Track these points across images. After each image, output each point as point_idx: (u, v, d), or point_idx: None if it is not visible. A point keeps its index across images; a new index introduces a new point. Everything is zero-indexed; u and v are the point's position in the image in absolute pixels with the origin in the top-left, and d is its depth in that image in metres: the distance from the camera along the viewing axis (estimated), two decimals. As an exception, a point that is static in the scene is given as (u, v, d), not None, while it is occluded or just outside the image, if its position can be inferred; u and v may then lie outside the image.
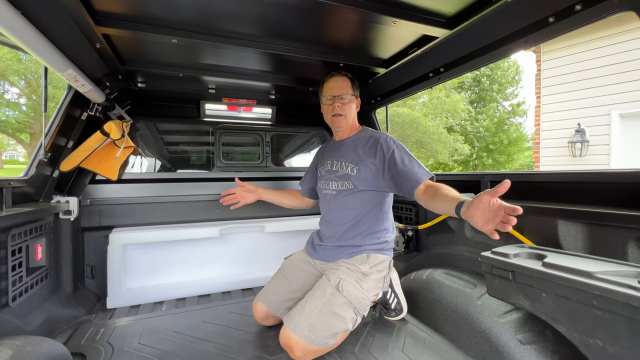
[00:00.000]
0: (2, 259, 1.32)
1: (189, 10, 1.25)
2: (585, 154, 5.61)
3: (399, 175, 1.42)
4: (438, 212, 1.26)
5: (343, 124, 1.64)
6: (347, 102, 1.61)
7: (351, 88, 1.63)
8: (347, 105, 1.61)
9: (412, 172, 1.39)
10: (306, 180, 1.93)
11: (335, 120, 1.63)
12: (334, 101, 1.61)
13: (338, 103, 1.60)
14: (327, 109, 1.65)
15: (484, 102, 16.83)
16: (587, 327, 0.96)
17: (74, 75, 1.44)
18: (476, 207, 0.99)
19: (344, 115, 1.61)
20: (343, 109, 1.60)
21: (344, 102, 1.60)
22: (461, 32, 1.35)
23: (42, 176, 1.75)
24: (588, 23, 1.07)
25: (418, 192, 1.35)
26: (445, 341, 1.47)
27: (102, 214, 2.15)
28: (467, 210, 1.02)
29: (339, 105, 1.59)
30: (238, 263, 2.35)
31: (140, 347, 1.46)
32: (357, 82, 1.68)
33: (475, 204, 0.99)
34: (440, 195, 1.21)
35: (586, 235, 1.23)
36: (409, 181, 1.39)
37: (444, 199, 1.19)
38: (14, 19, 1.04)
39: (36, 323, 1.47)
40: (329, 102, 1.63)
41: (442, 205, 1.19)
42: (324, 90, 1.67)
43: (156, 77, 1.95)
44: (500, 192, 0.95)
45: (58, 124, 1.73)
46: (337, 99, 1.60)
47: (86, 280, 2.09)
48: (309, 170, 1.94)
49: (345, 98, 1.60)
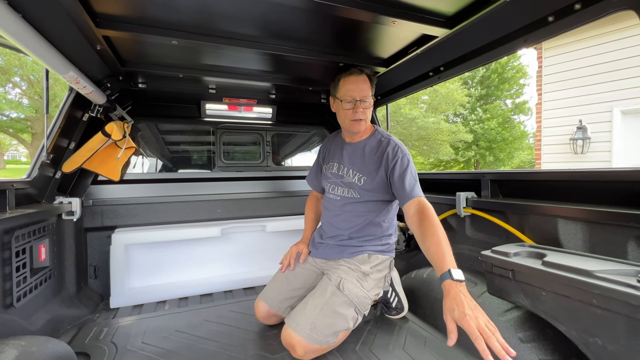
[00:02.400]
0: (6, 260, 1.34)
1: (189, 11, 1.26)
2: (587, 151, 5.60)
3: (395, 187, 1.42)
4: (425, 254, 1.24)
5: (363, 128, 1.53)
6: (368, 106, 1.50)
7: (371, 89, 1.51)
8: (368, 109, 1.50)
9: (406, 186, 1.37)
10: (315, 179, 1.83)
11: (355, 125, 1.50)
12: (355, 106, 1.46)
13: (360, 108, 1.46)
14: (347, 113, 1.50)
15: (491, 98, 16.71)
16: (587, 326, 0.96)
17: (75, 77, 1.45)
18: (446, 304, 1.03)
19: (365, 119, 1.51)
20: (365, 114, 1.49)
21: (366, 107, 1.48)
22: (461, 31, 1.35)
23: (45, 177, 1.76)
24: (587, 22, 1.07)
25: (407, 209, 1.35)
26: (446, 340, 1.47)
27: (105, 214, 2.16)
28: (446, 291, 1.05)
29: (362, 110, 1.47)
30: (240, 262, 2.37)
31: (144, 346, 1.48)
32: (374, 79, 1.56)
33: (448, 301, 1.02)
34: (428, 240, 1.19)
35: (586, 234, 1.23)
36: (401, 194, 1.38)
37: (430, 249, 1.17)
38: (15, 23, 1.05)
39: (40, 323, 1.49)
40: (349, 105, 1.48)
41: (428, 255, 1.18)
42: (341, 90, 1.50)
43: (157, 77, 1.96)
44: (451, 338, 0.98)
45: (60, 125, 1.74)
46: (360, 104, 1.46)
47: (89, 280, 2.10)
48: (314, 169, 1.84)
49: (367, 101, 1.48)
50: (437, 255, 1.13)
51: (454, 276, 1.04)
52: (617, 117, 5.33)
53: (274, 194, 2.65)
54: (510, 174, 1.66)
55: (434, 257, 1.14)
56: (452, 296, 1.01)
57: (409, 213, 1.34)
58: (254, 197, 2.56)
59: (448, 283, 1.04)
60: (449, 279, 1.04)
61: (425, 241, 1.20)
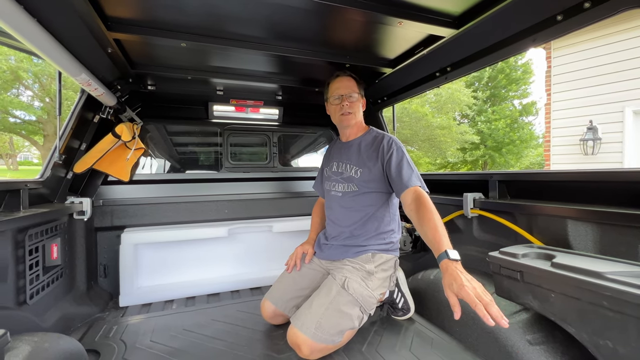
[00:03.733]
0: (20, 258, 1.37)
1: (198, 14, 1.28)
2: (597, 151, 5.50)
3: (392, 178, 1.47)
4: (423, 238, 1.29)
5: (352, 122, 1.64)
6: (355, 101, 1.62)
7: (357, 87, 1.64)
8: (354, 103, 1.62)
9: (403, 175, 1.42)
10: (320, 186, 1.91)
11: (344, 119, 1.63)
12: (342, 100, 1.61)
13: (346, 102, 1.60)
14: (335, 109, 1.65)
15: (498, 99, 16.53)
16: (597, 328, 0.95)
17: (87, 79, 1.48)
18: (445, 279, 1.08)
19: (353, 113, 1.62)
20: (352, 107, 1.61)
21: (351, 101, 1.61)
22: (468, 31, 1.35)
23: (57, 178, 1.80)
24: (597, 20, 1.05)
25: (404, 198, 1.39)
26: (453, 341, 1.47)
27: (114, 214, 2.20)
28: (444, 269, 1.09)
29: (347, 103, 1.60)
30: (246, 262, 2.38)
31: (152, 345, 1.50)
32: (362, 82, 1.69)
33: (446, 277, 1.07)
34: (425, 225, 1.24)
35: (596, 236, 1.21)
36: (398, 184, 1.43)
37: (427, 234, 1.22)
38: (31, 27, 1.08)
39: (52, 320, 1.52)
40: (336, 101, 1.63)
41: (426, 239, 1.23)
42: (330, 90, 1.67)
43: (165, 79, 1.99)
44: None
45: (72, 126, 1.78)
46: (345, 98, 1.60)
47: (99, 279, 2.14)
48: (319, 175, 1.93)
49: (353, 96, 1.61)
50: (434, 238, 1.18)
51: (450, 256, 1.10)
52: (629, 117, 5.23)
53: (281, 194, 2.66)
54: (518, 175, 1.65)
55: (431, 240, 1.20)
56: (449, 272, 1.06)
57: (406, 202, 1.38)
58: (260, 197, 2.58)
59: (445, 262, 1.09)
60: (445, 259, 1.10)
61: (422, 226, 1.25)
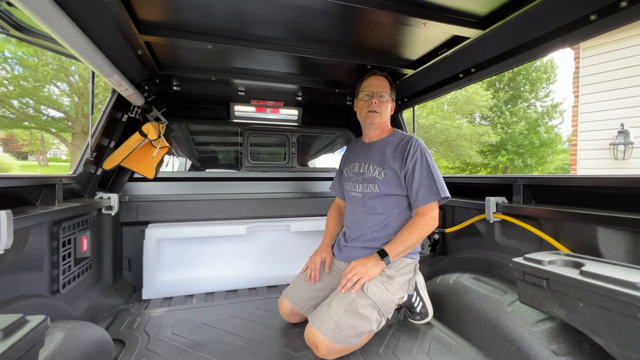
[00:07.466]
0: (54, 249, 1.45)
1: (224, 17, 1.31)
2: (629, 156, 5.23)
3: (409, 189, 1.53)
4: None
5: (377, 121, 1.63)
6: (384, 101, 1.62)
7: (389, 88, 1.64)
8: (383, 103, 1.61)
9: (419, 194, 1.50)
10: (337, 186, 1.90)
11: (370, 116, 1.62)
12: (371, 97, 1.60)
13: (375, 100, 1.59)
14: (363, 105, 1.64)
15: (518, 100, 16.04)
16: (630, 341, 0.91)
17: (119, 80, 1.55)
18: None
19: (380, 113, 1.61)
20: (379, 107, 1.60)
21: (381, 100, 1.60)
22: (494, 31, 1.32)
23: (88, 174, 1.89)
24: (634, 20, 1.01)
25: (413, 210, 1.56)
26: (473, 348, 1.44)
27: (139, 210, 2.28)
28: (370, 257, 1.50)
29: (376, 102, 1.59)
30: (264, 260, 2.42)
31: (174, 337, 1.55)
32: (395, 86, 1.69)
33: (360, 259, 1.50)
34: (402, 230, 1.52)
35: (629, 244, 1.16)
36: (412, 199, 1.53)
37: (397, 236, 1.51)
38: (71, 31, 1.14)
39: (82, 309, 1.59)
40: (366, 97, 1.62)
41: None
42: (362, 86, 1.66)
43: (190, 80, 2.05)
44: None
45: (103, 125, 1.87)
46: (375, 96, 1.59)
47: (124, 271, 2.23)
48: (337, 176, 1.92)
49: (383, 96, 1.61)
50: (395, 240, 1.48)
51: (381, 255, 1.45)
52: (664, 121, 4.95)
53: (299, 194, 2.69)
54: (544, 179, 1.59)
55: (394, 239, 1.49)
56: (366, 258, 1.46)
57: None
58: (279, 197, 2.62)
59: (375, 255, 1.46)
60: (376, 253, 1.46)
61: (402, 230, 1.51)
